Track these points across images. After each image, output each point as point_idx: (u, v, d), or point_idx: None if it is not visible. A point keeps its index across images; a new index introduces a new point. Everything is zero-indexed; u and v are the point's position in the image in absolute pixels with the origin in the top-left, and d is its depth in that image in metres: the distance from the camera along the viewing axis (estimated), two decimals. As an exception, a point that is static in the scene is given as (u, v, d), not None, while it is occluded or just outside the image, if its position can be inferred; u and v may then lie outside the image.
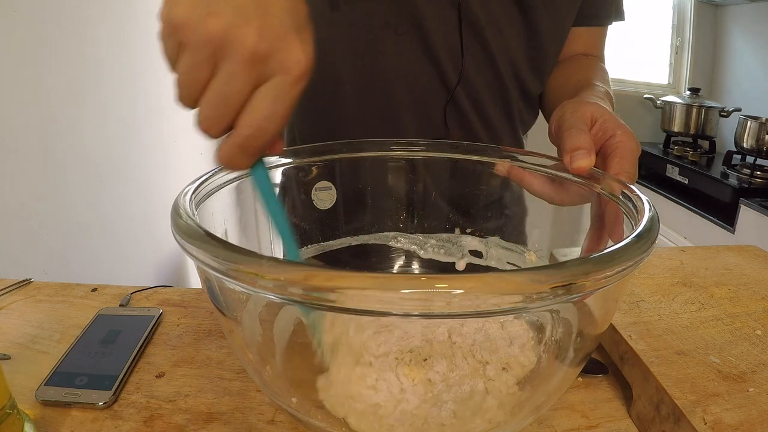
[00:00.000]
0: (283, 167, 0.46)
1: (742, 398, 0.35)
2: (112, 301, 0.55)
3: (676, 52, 2.40)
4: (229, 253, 0.24)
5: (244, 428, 0.38)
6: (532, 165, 0.45)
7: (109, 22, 1.53)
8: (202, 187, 0.36)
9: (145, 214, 1.74)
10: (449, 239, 0.55)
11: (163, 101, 1.88)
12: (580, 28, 0.65)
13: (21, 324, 0.50)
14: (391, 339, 0.39)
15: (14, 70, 1.18)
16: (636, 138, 0.41)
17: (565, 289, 0.23)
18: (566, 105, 0.44)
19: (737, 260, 0.58)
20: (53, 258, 1.33)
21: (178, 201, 0.31)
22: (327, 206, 0.50)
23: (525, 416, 0.34)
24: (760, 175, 1.75)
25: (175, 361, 0.45)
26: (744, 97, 2.13)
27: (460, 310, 0.22)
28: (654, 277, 0.53)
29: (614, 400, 0.42)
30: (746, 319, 0.45)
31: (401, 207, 0.54)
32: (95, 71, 1.47)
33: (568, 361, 0.34)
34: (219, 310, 0.32)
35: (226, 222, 0.41)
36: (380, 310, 0.22)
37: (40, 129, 1.27)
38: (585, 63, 0.65)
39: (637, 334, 0.42)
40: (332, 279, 0.22)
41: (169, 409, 0.39)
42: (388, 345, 0.39)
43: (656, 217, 0.31)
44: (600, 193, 0.39)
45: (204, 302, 0.55)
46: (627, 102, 2.33)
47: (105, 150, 1.53)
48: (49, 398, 0.39)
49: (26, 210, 1.24)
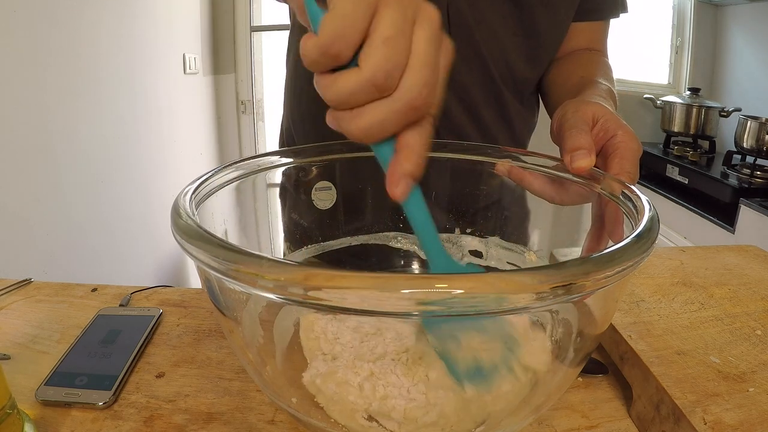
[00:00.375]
0: (283, 167, 0.46)
1: (742, 398, 0.35)
2: (112, 301, 0.55)
3: (676, 52, 2.40)
4: (229, 253, 0.24)
5: (244, 428, 0.38)
6: (533, 165, 0.45)
7: (108, 22, 1.53)
8: (202, 187, 0.36)
9: (144, 214, 1.74)
10: (449, 239, 0.55)
11: (163, 101, 1.88)
12: (582, 23, 0.64)
13: (21, 324, 0.50)
14: (384, 341, 0.39)
15: (14, 70, 1.18)
16: (637, 138, 0.41)
17: (565, 289, 0.23)
18: (568, 104, 0.44)
19: (737, 260, 0.58)
20: (53, 258, 1.33)
21: (178, 201, 0.31)
22: (327, 206, 0.50)
23: (525, 416, 0.34)
24: (760, 175, 1.75)
25: (175, 361, 0.45)
26: (744, 97, 2.13)
27: (460, 310, 0.22)
28: (654, 277, 0.53)
29: (614, 400, 0.42)
30: (746, 319, 0.45)
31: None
32: (94, 71, 1.47)
33: (568, 361, 0.34)
34: (219, 310, 0.32)
35: (226, 222, 0.41)
36: (380, 310, 0.22)
37: (39, 129, 1.27)
38: (588, 59, 0.64)
39: (637, 334, 0.42)
40: (332, 279, 0.22)
41: (169, 409, 0.39)
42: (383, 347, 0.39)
43: (656, 217, 0.31)
44: (600, 193, 0.39)
45: (204, 302, 0.55)
46: (627, 102, 2.33)
47: (104, 150, 1.54)
48: (49, 398, 0.39)
49: (26, 210, 1.24)
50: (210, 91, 2.32)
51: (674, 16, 2.37)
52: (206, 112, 2.30)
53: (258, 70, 2.41)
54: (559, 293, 0.23)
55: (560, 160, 0.42)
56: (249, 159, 0.42)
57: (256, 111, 2.44)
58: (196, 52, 2.12)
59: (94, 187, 1.49)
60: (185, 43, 2.03)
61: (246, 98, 2.41)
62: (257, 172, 0.43)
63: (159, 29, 1.82)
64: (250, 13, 2.32)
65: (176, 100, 1.98)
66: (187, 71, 2.04)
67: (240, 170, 0.41)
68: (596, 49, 0.67)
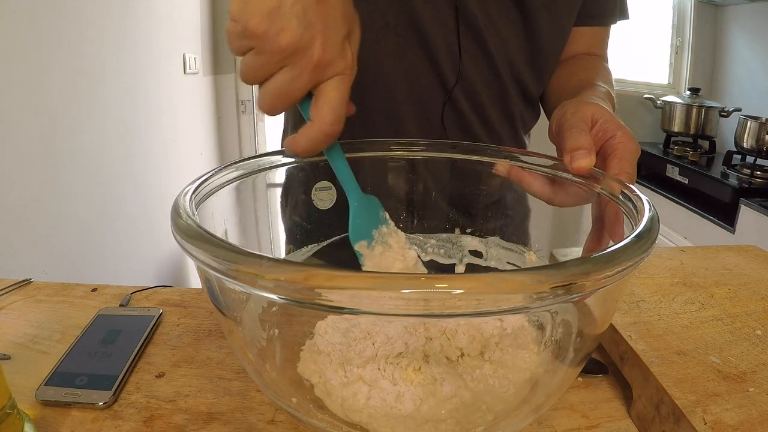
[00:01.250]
0: (284, 167, 0.46)
1: (742, 398, 0.35)
2: (112, 301, 0.55)
3: (676, 52, 2.41)
4: (229, 253, 0.24)
5: (244, 428, 0.38)
6: (532, 165, 0.45)
7: (109, 22, 1.53)
8: (202, 187, 0.36)
9: (144, 214, 1.74)
10: (449, 239, 0.55)
11: (163, 102, 1.88)
12: (583, 28, 0.65)
13: (21, 324, 0.50)
14: (375, 344, 0.39)
15: (14, 71, 1.18)
16: (636, 139, 0.41)
17: (565, 289, 0.23)
18: (567, 105, 0.44)
19: (737, 260, 0.58)
20: (53, 258, 1.33)
21: (178, 201, 0.31)
22: (327, 206, 0.50)
23: (525, 416, 0.34)
24: (760, 175, 1.75)
25: (175, 361, 0.45)
26: (744, 97, 2.13)
27: (459, 310, 0.22)
28: (654, 277, 0.53)
29: (614, 400, 0.42)
30: (746, 319, 0.45)
31: (401, 207, 0.54)
32: (94, 71, 1.47)
33: (568, 361, 0.34)
34: (219, 310, 0.32)
35: (226, 222, 0.41)
36: (380, 310, 0.22)
37: (40, 129, 1.27)
38: (587, 63, 0.64)
39: (637, 334, 0.42)
40: (332, 279, 0.22)
41: (169, 409, 0.39)
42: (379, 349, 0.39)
43: (656, 217, 0.31)
44: (600, 193, 0.39)
45: (204, 302, 0.55)
46: (627, 102, 2.33)
47: (104, 150, 1.54)
48: (49, 398, 0.39)
49: (26, 210, 1.24)
50: (210, 91, 2.32)
51: (674, 16, 2.37)
52: (206, 112, 2.30)
53: (258, 70, 2.41)
54: (558, 293, 0.23)
55: (560, 161, 0.42)
56: (249, 159, 0.42)
57: (256, 111, 2.44)
58: (196, 52, 2.12)
59: (94, 186, 1.49)
60: (185, 43, 2.03)
61: (246, 98, 2.41)
62: (257, 172, 0.43)
63: (159, 29, 1.82)
64: (250, 13, 2.31)
65: (176, 100, 1.98)
66: (187, 71, 2.04)
67: (240, 170, 0.41)
68: (596, 53, 0.67)
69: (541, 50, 0.62)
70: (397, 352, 0.38)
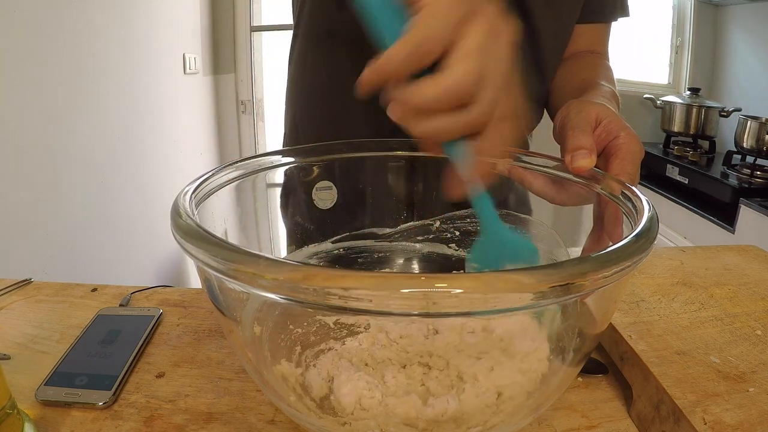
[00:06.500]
0: (284, 167, 0.47)
1: (742, 398, 0.35)
2: (112, 301, 0.55)
3: (676, 52, 2.40)
4: (229, 252, 0.24)
5: (244, 428, 0.38)
6: (533, 165, 0.45)
7: (108, 22, 1.53)
8: (202, 187, 0.36)
9: (145, 214, 1.75)
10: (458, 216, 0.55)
11: (163, 102, 1.88)
12: (584, 25, 0.64)
13: (21, 324, 0.50)
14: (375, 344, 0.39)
15: (15, 71, 1.18)
16: (640, 142, 0.41)
17: (563, 288, 0.23)
18: (571, 105, 0.44)
19: (737, 260, 0.58)
20: (53, 258, 1.33)
21: (178, 201, 0.31)
22: (327, 206, 0.50)
23: (524, 416, 0.34)
24: (760, 175, 1.75)
25: (175, 361, 0.45)
26: (744, 97, 2.13)
27: (459, 309, 0.22)
28: (654, 277, 0.53)
29: (614, 400, 0.42)
30: (746, 319, 0.45)
31: (401, 207, 0.54)
32: (94, 71, 1.47)
33: (568, 360, 0.34)
34: (219, 310, 0.32)
35: (226, 222, 0.41)
36: (380, 310, 0.22)
37: (40, 129, 1.28)
38: (590, 61, 0.64)
39: (637, 334, 0.42)
40: (332, 279, 0.22)
41: (169, 409, 0.39)
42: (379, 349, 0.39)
43: (656, 217, 0.31)
44: (600, 193, 0.39)
45: (204, 302, 0.55)
46: (627, 102, 2.30)
47: (104, 150, 1.54)
48: (49, 398, 0.39)
49: (26, 210, 1.25)
50: (210, 91, 2.32)
51: (674, 16, 2.37)
52: (206, 112, 2.30)
53: (258, 70, 2.41)
54: (557, 293, 0.23)
55: (561, 160, 0.42)
56: (249, 159, 0.42)
57: (256, 111, 2.44)
58: (196, 52, 2.12)
59: (94, 186, 1.49)
60: (185, 43, 2.03)
61: (246, 98, 2.41)
62: (257, 172, 0.43)
63: (159, 29, 1.82)
64: (250, 13, 2.32)
65: (176, 100, 1.98)
66: (187, 71, 2.04)
67: (240, 170, 0.41)
68: (598, 51, 0.67)
69: (542, 50, 0.62)
70: (397, 352, 0.38)
